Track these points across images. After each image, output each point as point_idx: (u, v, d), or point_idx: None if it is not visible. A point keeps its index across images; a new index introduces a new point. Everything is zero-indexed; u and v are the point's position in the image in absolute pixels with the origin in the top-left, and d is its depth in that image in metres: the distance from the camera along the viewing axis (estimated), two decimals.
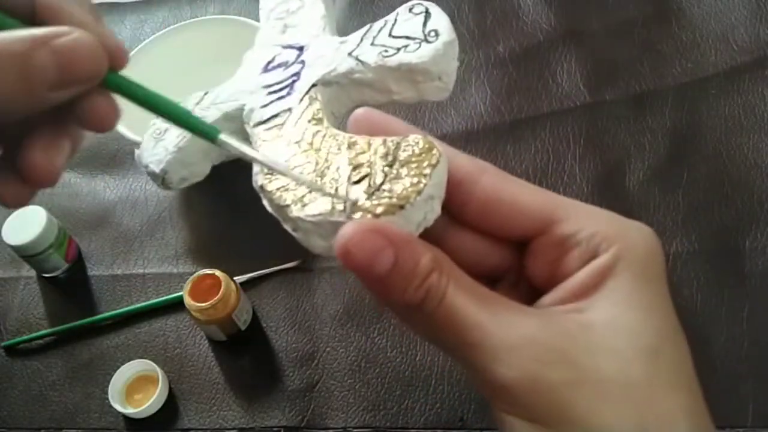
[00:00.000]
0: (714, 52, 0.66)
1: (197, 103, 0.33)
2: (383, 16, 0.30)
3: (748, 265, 0.54)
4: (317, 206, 0.24)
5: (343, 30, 0.32)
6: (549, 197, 0.26)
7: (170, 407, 0.57)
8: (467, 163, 0.26)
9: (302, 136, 0.27)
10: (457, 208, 0.26)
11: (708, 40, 0.67)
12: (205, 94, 0.33)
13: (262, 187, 0.27)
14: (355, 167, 0.25)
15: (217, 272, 0.56)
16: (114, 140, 0.74)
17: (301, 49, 0.31)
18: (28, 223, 0.63)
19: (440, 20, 0.28)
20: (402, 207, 0.23)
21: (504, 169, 0.27)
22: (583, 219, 0.25)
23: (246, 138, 0.30)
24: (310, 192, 0.25)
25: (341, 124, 0.29)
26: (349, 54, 0.29)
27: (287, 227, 0.26)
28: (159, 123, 0.33)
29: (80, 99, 0.25)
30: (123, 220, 0.69)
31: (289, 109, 0.29)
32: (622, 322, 0.23)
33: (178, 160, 0.32)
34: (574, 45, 0.71)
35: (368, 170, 0.24)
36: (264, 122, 0.29)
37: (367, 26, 0.30)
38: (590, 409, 0.22)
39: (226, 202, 0.66)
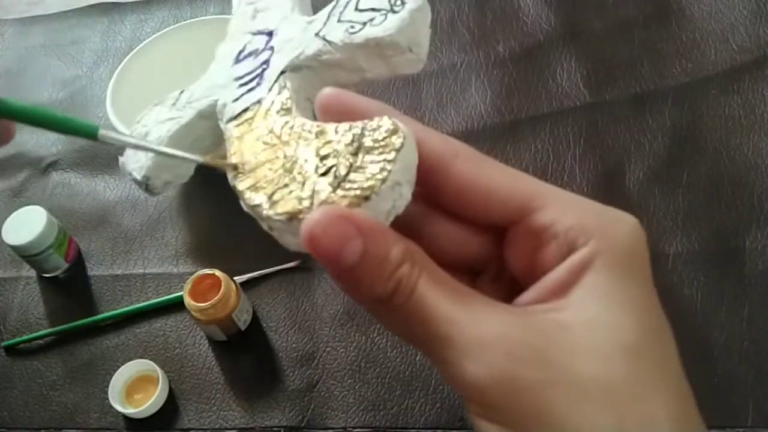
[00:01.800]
0: (714, 52, 0.66)
1: (173, 104, 0.32)
2: None
3: (748, 265, 0.54)
4: (285, 204, 0.23)
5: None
6: (526, 183, 0.24)
7: (170, 407, 0.57)
8: (440, 145, 0.24)
9: (271, 129, 0.26)
10: (432, 193, 0.25)
11: (708, 40, 0.67)
12: (181, 92, 0.32)
13: (234, 187, 0.26)
14: (323, 158, 0.23)
15: (217, 272, 0.56)
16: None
17: (270, 34, 0.30)
18: (28, 223, 0.63)
19: None
20: (367, 198, 0.22)
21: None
22: (560, 208, 0.24)
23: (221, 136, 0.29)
24: (277, 190, 0.24)
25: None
26: (316, 34, 0.28)
27: (263, 226, 0.25)
28: (139, 128, 0.32)
29: None
30: (123, 220, 0.69)
31: (259, 101, 0.28)
32: (602, 319, 0.22)
33: (159, 165, 0.31)
34: (574, 45, 0.71)
35: (334, 161, 0.23)
36: (235, 117, 0.28)
37: (334, 1, 0.28)
38: (567, 411, 0.21)
39: (226, 202, 0.66)
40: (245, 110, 0.28)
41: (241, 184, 0.25)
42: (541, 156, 0.64)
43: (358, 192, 0.22)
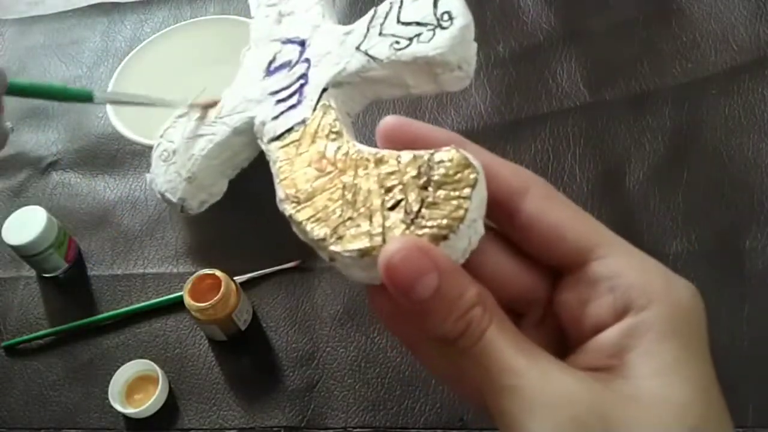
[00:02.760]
0: (714, 52, 0.66)
1: (201, 118, 0.31)
2: None
3: (748, 265, 0.54)
4: (355, 241, 0.23)
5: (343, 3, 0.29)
6: (594, 228, 0.24)
7: (170, 407, 0.57)
8: (511, 176, 0.24)
9: (322, 154, 0.25)
10: (496, 224, 0.24)
11: (708, 40, 0.67)
12: (206, 106, 0.31)
13: (290, 216, 0.25)
14: (387, 190, 0.23)
15: (217, 272, 0.56)
16: (114, 140, 0.74)
17: (302, 44, 0.29)
18: (28, 223, 0.63)
19: None
20: (445, 237, 0.21)
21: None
22: (624, 263, 0.23)
23: (262, 153, 0.28)
24: (341, 224, 0.23)
25: (355, 122, 0.28)
26: (357, 48, 0.26)
27: (323, 256, 0.24)
28: (165, 143, 0.31)
29: None
30: (123, 220, 0.69)
31: (303, 121, 0.27)
32: (668, 395, 0.21)
33: (194, 186, 0.30)
34: (574, 45, 0.71)
35: (402, 195, 0.22)
36: (278, 138, 0.27)
37: (372, 11, 0.27)
38: None
39: (226, 202, 0.66)
40: (289, 131, 0.27)
41: (300, 215, 0.24)
42: (541, 156, 0.64)
43: (435, 231, 0.21)
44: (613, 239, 0.24)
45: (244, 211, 0.65)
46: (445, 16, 0.25)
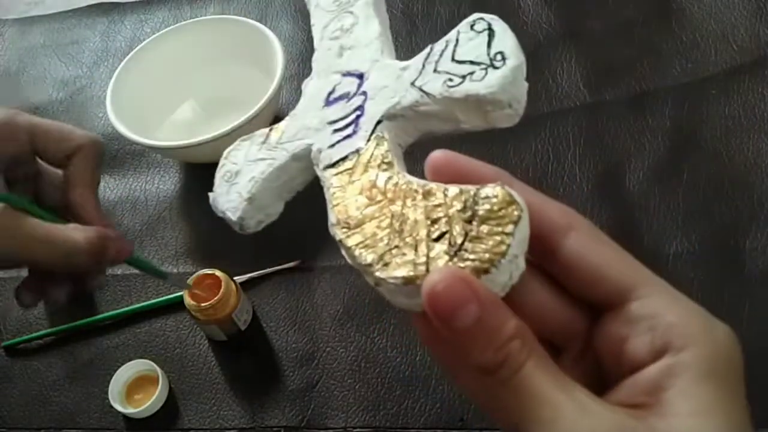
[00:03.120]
0: (714, 52, 0.66)
1: (263, 142, 0.32)
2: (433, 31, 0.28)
3: (748, 265, 0.54)
4: (399, 268, 0.24)
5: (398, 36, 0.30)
6: (635, 269, 0.25)
7: (170, 407, 0.57)
8: (556, 214, 0.25)
9: (374, 183, 0.26)
10: (539, 260, 0.25)
11: (708, 40, 0.67)
12: (270, 130, 0.32)
13: (340, 241, 0.26)
14: (433, 222, 0.24)
15: (217, 272, 0.56)
16: (114, 140, 0.74)
17: (360, 77, 0.30)
18: None
19: (506, 39, 0.26)
20: (487, 271, 0.22)
21: (504, 169, 0.26)
22: (664, 303, 0.24)
23: (317, 181, 0.30)
24: (387, 251, 0.24)
25: (406, 153, 0.29)
26: (412, 84, 0.28)
27: (368, 281, 0.25)
28: (228, 164, 0.33)
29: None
30: (123, 220, 0.69)
31: (357, 151, 0.28)
32: None
33: (253, 207, 0.32)
34: (574, 45, 0.71)
35: (447, 227, 0.23)
36: (332, 165, 0.28)
37: (428, 48, 0.28)
38: None
39: None
40: (343, 159, 0.28)
41: (350, 240, 0.25)
42: (541, 156, 0.64)
43: (477, 264, 0.22)
44: (654, 280, 0.25)
45: None
46: (498, 56, 0.26)
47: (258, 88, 0.65)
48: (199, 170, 0.70)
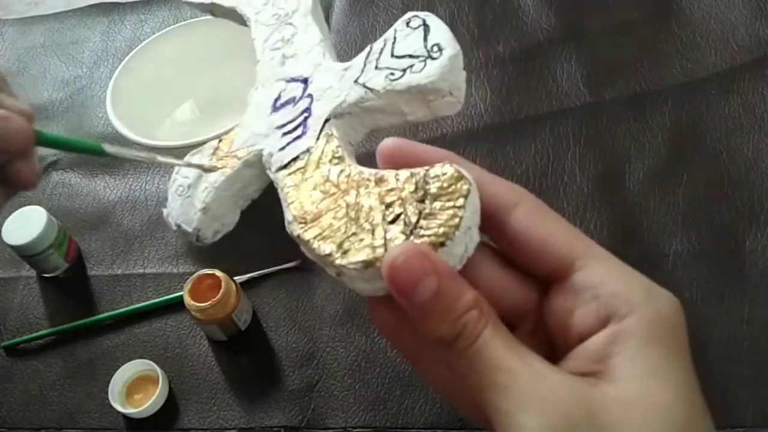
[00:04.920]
0: (714, 52, 0.66)
1: (212, 153, 0.33)
2: (382, 16, 0.29)
3: (748, 265, 0.54)
4: (358, 253, 0.24)
5: (344, 30, 0.31)
6: (578, 240, 0.25)
7: (170, 407, 0.57)
8: (503, 191, 0.26)
9: (326, 178, 0.27)
10: (489, 237, 0.26)
11: (708, 40, 0.67)
12: (219, 141, 0.33)
13: (298, 236, 0.26)
14: (387, 206, 0.24)
15: (217, 272, 0.56)
16: (114, 140, 0.74)
17: (305, 81, 0.31)
18: (28, 223, 0.63)
19: (441, 32, 0.27)
20: (443, 244, 0.23)
21: (504, 170, 0.26)
22: (607, 272, 0.24)
23: (271, 184, 0.30)
24: (345, 239, 0.25)
25: (358, 151, 0.29)
26: (356, 81, 0.29)
27: (330, 272, 0.26)
28: (180, 179, 0.33)
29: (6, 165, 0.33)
30: (123, 220, 0.69)
31: (308, 150, 0.29)
32: (654, 397, 0.22)
33: (208, 216, 0.32)
34: (574, 45, 0.71)
35: (401, 209, 0.24)
36: (285, 167, 0.29)
37: (368, 48, 0.29)
38: None
39: None
40: (295, 159, 0.29)
41: (307, 234, 0.26)
42: (541, 156, 0.64)
43: (433, 238, 0.23)
44: (597, 250, 0.25)
45: (244, 212, 0.65)
46: (435, 48, 0.27)
47: None
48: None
